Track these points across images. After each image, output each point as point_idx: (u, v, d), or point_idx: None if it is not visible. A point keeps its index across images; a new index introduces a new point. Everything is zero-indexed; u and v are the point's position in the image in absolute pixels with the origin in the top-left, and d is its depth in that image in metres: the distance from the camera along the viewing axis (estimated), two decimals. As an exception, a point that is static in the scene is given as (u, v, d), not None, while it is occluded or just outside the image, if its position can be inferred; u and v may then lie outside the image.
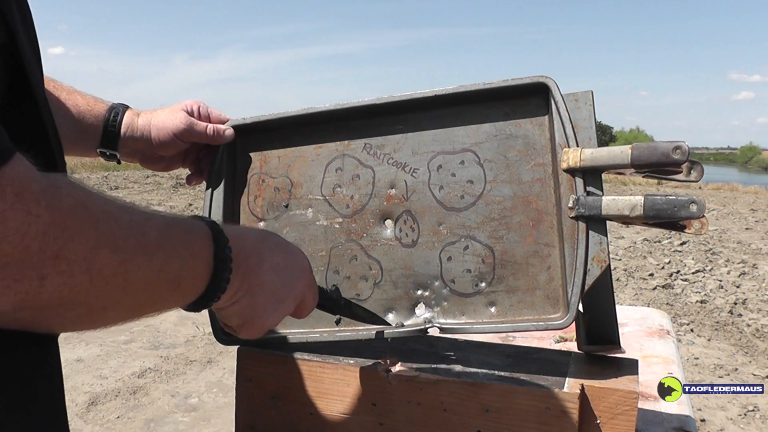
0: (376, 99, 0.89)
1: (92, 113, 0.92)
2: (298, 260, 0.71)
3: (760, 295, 5.59)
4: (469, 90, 0.85)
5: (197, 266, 0.55)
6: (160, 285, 0.52)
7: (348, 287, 0.90)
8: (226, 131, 0.93)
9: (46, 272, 0.41)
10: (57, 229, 0.41)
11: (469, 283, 0.85)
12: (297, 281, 0.69)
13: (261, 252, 0.64)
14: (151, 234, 0.51)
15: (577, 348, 0.82)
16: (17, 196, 0.39)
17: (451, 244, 0.86)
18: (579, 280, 0.77)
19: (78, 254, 0.43)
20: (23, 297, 0.41)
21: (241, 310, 0.63)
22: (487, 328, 0.83)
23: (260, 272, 0.63)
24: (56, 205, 0.42)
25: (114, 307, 0.50)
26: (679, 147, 0.73)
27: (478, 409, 0.79)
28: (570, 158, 0.79)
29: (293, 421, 0.88)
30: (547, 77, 0.81)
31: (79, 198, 0.44)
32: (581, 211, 0.78)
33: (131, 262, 0.48)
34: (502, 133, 0.86)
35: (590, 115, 0.81)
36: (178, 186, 11.52)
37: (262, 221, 0.95)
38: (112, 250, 0.46)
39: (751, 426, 3.27)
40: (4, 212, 0.38)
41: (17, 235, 0.39)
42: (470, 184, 0.86)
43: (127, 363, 3.75)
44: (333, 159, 0.92)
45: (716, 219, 10.04)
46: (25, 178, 0.40)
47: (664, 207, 0.74)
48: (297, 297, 0.69)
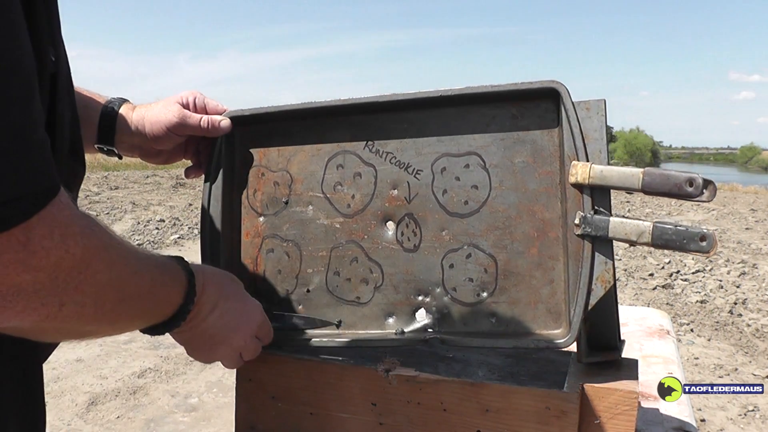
0: (379, 96, 0.86)
1: (89, 109, 0.90)
2: (248, 311, 0.80)
3: (760, 295, 5.58)
4: (476, 92, 0.82)
5: (167, 310, 0.66)
6: (137, 321, 0.64)
7: (348, 290, 0.89)
8: (221, 122, 0.90)
9: (66, 300, 0.48)
10: (83, 265, 0.49)
11: (471, 292, 0.84)
12: (237, 331, 0.78)
13: (216, 300, 0.74)
14: (146, 280, 0.60)
15: (578, 360, 0.81)
16: (62, 237, 0.46)
17: (453, 251, 0.85)
18: (582, 300, 0.75)
19: (93, 288, 0.50)
20: (43, 318, 0.48)
21: (185, 340, 0.75)
22: (488, 343, 0.82)
23: (208, 317, 0.73)
24: (88, 245, 0.49)
25: (98, 331, 0.58)
26: (693, 180, 0.71)
27: (478, 409, 0.79)
28: (579, 173, 0.76)
29: (293, 421, 0.88)
30: (559, 83, 0.78)
31: (104, 240, 0.52)
32: (588, 230, 0.76)
33: (126, 302, 0.57)
34: (510, 137, 0.83)
35: (602, 126, 0.78)
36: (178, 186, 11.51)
37: (262, 216, 0.94)
38: (116, 290, 0.54)
39: (751, 426, 3.27)
40: (49, 249, 0.45)
41: (52, 267, 0.46)
42: (475, 189, 0.84)
43: (127, 363, 3.75)
44: (334, 155, 0.90)
45: (716, 219, 10.03)
46: (70, 221, 0.47)
47: (673, 238, 0.72)
48: (233, 344, 0.78)
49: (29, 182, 0.43)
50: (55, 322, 0.49)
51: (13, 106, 0.42)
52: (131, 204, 9.25)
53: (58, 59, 0.56)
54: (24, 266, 0.44)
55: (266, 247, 0.93)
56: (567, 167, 0.78)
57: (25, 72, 0.44)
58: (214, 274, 0.75)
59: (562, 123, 0.79)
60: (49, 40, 0.52)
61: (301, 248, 0.91)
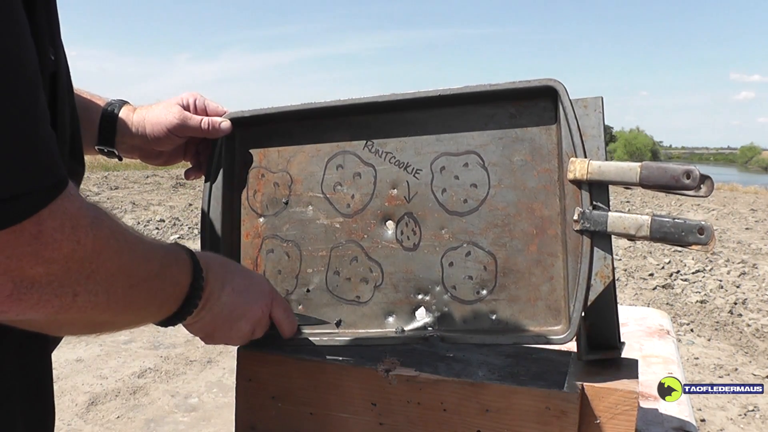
0: (378, 96, 0.86)
1: (89, 111, 0.91)
2: (257, 284, 0.80)
3: (760, 295, 5.59)
4: (474, 91, 0.82)
5: (177, 292, 0.66)
6: (151, 306, 0.63)
7: (348, 289, 0.89)
8: (222, 124, 0.90)
9: (79, 290, 0.49)
10: (94, 254, 0.49)
11: (471, 290, 0.84)
12: (254, 303, 0.78)
13: (223, 277, 0.74)
14: (154, 264, 0.60)
15: (578, 358, 0.81)
16: (73, 228, 0.47)
17: (453, 250, 0.85)
18: (581, 295, 0.75)
19: (104, 276, 0.51)
20: (58, 309, 0.49)
21: (203, 326, 0.74)
22: (488, 339, 0.82)
23: (221, 296, 0.73)
24: (98, 235, 0.50)
25: (112, 322, 0.59)
26: (690, 172, 0.71)
27: (478, 409, 0.79)
28: (577, 169, 0.76)
29: (293, 421, 0.88)
30: (556, 81, 0.79)
31: (112, 229, 0.53)
32: (586, 226, 0.76)
33: (137, 287, 0.57)
34: (508, 136, 0.83)
35: (599, 123, 0.78)
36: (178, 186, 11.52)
37: (262, 217, 0.94)
38: (127, 276, 0.55)
39: (751, 426, 3.27)
40: (60, 241, 0.46)
41: (65, 258, 0.47)
42: (474, 188, 0.84)
43: (127, 363, 3.75)
44: (333, 156, 0.91)
45: (716, 219, 10.03)
46: (79, 212, 0.48)
47: (671, 231, 0.72)
48: (254, 316, 0.79)
49: (39, 176, 0.44)
50: (69, 313, 0.50)
51: (20, 102, 0.43)
52: (131, 204, 9.26)
53: (58, 59, 0.56)
54: (37, 258, 0.45)
55: (266, 248, 0.93)
56: (565, 164, 0.78)
57: (29, 69, 0.44)
58: (212, 256, 0.76)
59: (560, 120, 0.79)
60: (48, 40, 0.53)
61: (301, 248, 0.92)
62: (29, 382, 0.60)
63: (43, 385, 0.64)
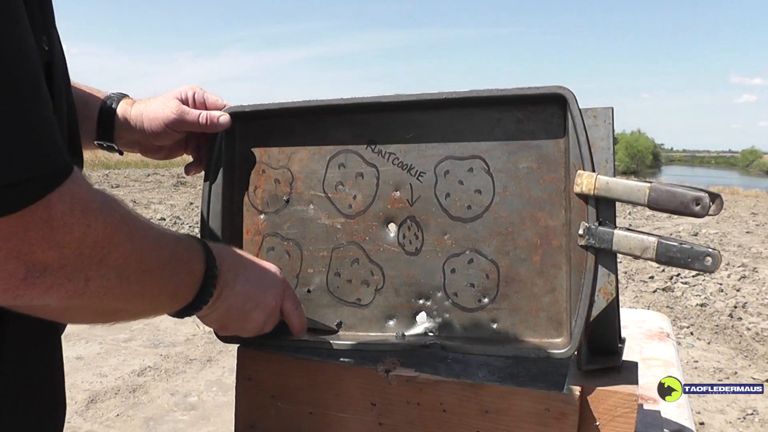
0: (383, 96, 0.85)
1: (88, 105, 0.89)
2: (269, 273, 0.79)
3: (760, 298, 5.58)
4: (481, 95, 0.81)
5: (191, 281, 0.65)
6: (164, 294, 0.62)
7: (349, 291, 0.89)
8: (220, 118, 0.88)
9: (91, 275, 0.49)
10: (105, 239, 0.49)
11: (472, 297, 0.84)
12: (267, 293, 0.78)
13: (237, 267, 0.73)
14: (165, 251, 0.60)
15: (577, 367, 0.81)
16: (83, 212, 0.47)
17: (455, 256, 0.84)
18: (584, 311, 0.75)
19: (116, 261, 0.51)
20: (71, 294, 0.48)
21: (218, 316, 0.73)
22: (489, 350, 0.82)
23: (235, 285, 0.72)
24: (108, 219, 0.50)
25: (126, 309, 0.58)
26: (700, 200, 0.69)
27: (477, 410, 0.79)
28: (584, 183, 0.75)
29: (293, 420, 0.88)
30: (565, 88, 0.76)
31: (122, 214, 0.53)
32: (591, 242, 0.75)
33: (149, 273, 0.57)
34: (515, 142, 0.82)
35: (608, 135, 0.76)
36: (179, 184, 11.52)
37: (262, 214, 0.93)
38: (138, 261, 0.54)
39: (750, 430, 3.27)
40: (71, 225, 0.46)
41: (76, 243, 0.47)
42: (478, 194, 0.83)
43: (126, 361, 3.75)
44: (336, 154, 0.89)
45: (717, 222, 10.02)
46: (89, 197, 0.48)
47: (678, 256, 0.70)
48: (267, 306, 0.78)
49: (45, 161, 0.44)
50: (82, 298, 0.50)
51: (23, 88, 0.43)
52: (132, 202, 9.26)
53: (52, 48, 0.55)
54: (49, 243, 0.45)
55: (267, 245, 0.93)
56: (572, 175, 0.77)
57: (30, 56, 0.44)
58: (223, 247, 0.75)
59: (569, 130, 0.77)
60: (41, 29, 0.52)
61: (302, 248, 0.91)
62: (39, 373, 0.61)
63: (52, 377, 0.64)
